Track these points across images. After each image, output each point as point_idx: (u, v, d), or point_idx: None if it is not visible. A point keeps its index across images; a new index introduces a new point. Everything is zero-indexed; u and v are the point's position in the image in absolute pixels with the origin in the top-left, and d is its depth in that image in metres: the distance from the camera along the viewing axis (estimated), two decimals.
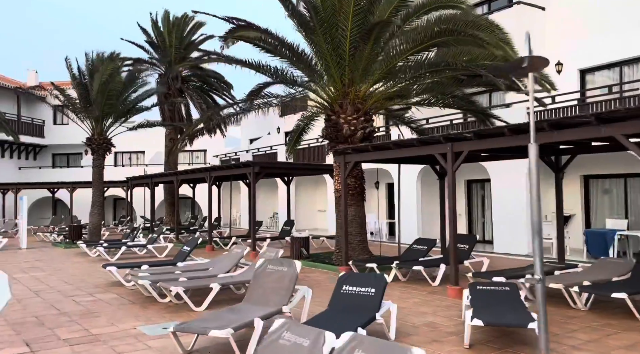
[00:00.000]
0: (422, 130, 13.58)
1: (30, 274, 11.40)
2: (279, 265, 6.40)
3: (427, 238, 11.16)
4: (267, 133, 29.93)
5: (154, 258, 13.98)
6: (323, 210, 24.81)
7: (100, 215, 18.79)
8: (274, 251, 8.42)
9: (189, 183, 22.69)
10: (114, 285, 9.66)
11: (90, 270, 11.97)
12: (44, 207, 32.17)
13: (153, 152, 33.89)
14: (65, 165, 34.56)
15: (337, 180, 11.47)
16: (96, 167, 18.89)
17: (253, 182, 13.76)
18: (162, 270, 9.27)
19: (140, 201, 27.35)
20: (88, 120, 18.87)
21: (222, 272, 8.67)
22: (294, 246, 12.41)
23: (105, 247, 14.05)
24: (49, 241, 20.64)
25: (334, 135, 11.31)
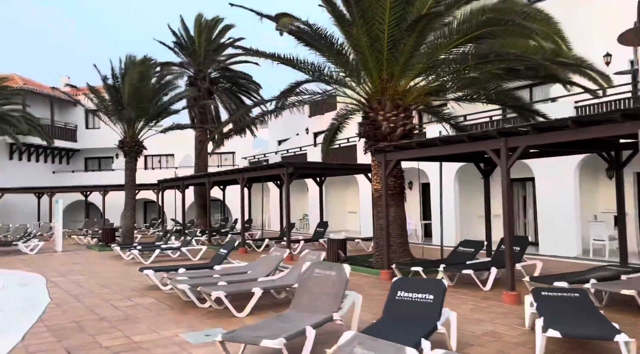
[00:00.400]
0: (462, 127, 13.04)
1: (68, 277, 11.34)
2: (326, 269, 6.03)
3: (472, 239, 10.62)
4: (296, 134, 29.68)
5: (189, 261, 13.82)
6: (354, 211, 24.38)
7: (132, 218, 18.81)
8: (315, 254, 8.05)
9: (219, 185, 22.60)
10: (151, 289, 9.47)
11: (126, 273, 11.86)
12: (77, 210, 32.66)
13: (182, 154, 34.06)
14: (97, 169, 35.08)
15: (375, 180, 11.06)
16: (128, 169, 18.93)
17: (287, 183, 13.45)
18: (200, 274, 9.02)
19: (170, 203, 27.42)
20: (120, 123, 18.92)
21: (262, 276, 8.36)
22: (331, 248, 12.03)
23: (139, 250, 13.96)
24: (83, 244, 20.81)
25: (372, 133, 10.90)
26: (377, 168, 11.00)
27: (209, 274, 8.98)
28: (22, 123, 25.53)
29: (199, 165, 25.41)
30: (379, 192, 10.96)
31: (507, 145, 7.31)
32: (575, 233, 12.53)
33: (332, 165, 13.93)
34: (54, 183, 30.28)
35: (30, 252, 17.47)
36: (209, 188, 18.51)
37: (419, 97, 10.83)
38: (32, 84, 31.24)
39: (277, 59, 10.80)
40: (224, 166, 33.82)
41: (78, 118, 34.31)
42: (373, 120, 10.86)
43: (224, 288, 7.35)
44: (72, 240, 22.32)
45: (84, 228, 27.65)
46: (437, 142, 8.51)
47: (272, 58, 10.76)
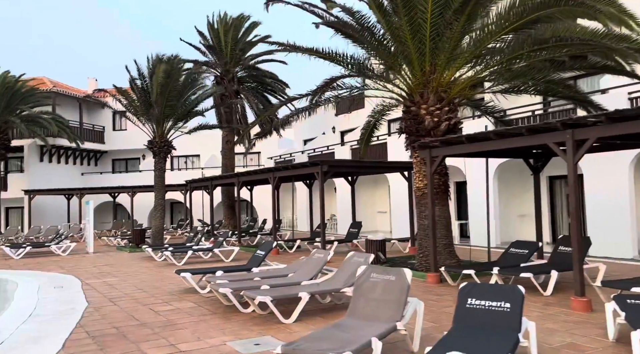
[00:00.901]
0: (506, 121, 12.40)
1: (102, 279, 11.12)
2: (384, 274, 5.56)
3: (525, 240, 10.00)
4: (322, 133, 29.26)
5: (221, 263, 13.50)
6: (383, 211, 23.82)
7: (162, 218, 18.65)
8: (362, 256, 7.58)
9: (247, 185, 22.32)
10: (188, 292, 9.13)
11: (160, 275, 11.59)
12: (105, 212, 32.87)
13: (208, 155, 34.00)
14: (124, 170, 35.28)
15: (418, 178, 10.52)
16: (158, 170, 18.77)
17: (322, 182, 13.01)
18: (239, 277, 8.64)
19: (197, 204, 27.28)
20: (149, 123, 18.78)
21: (306, 279, 7.92)
22: (370, 250, 11.54)
23: (171, 251, 13.70)
24: (113, 245, 20.76)
25: (414, 128, 10.37)
26: (420, 165, 10.48)
27: (248, 277, 8.59)
28: (52, 125, 25.72)
29: (226, 165, 25.20)
30: (422, 191, 10.43)
31: (574, 137, 6.72)
32: (631, 234, 11.77)
33: (367, 163, 13.44)
34: (82, 185, 30.50)
35: (62, 253, 17.44)
36: (238, 188, 18.21)
37: (463, 90, 10.26)
38: (61, 87, 31.55)
39: (315, 53, 10.36)
40: (250, 166, 33.62)
41: (105, 120, 34.56)
42: (415, 114, 10.33)
43: (269, 292, 6.94)
44: (102, 241, 22.33)
45: (113, 229, 27.75)
46: (491, 136, 7.94)
47: (309, 52, 10.32)
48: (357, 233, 15.38)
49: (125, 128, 34.30)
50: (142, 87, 18.36)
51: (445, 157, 9.37)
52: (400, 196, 19.59)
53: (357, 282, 5.69)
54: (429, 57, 9.88)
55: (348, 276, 7.36)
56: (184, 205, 30.37)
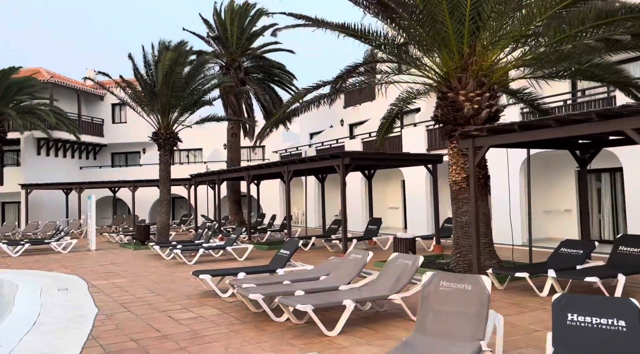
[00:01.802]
0: (544, 110, 11.56)
1: (109, 280, 10.24)
2: (457, 282, 4.71)
3: (576, 239, 9.18)
4: (330, 126, 28.39)
5: (235, 262, 12.64)
6: (395, 207, 23.00)
7: (168, 214, 17.77)
8: (409, 258, 6.73)
9: (254, 180, 21.45)
10: (208, 296, 8.27)
11: (172, 275, 10.72)
12: (105, 207, 31.92)
13: (211, 149, 33.07)
14: (124, 164, 34.31)
15: (455, 170, 9.67)
16: (163, 163, 17.85)
17: (343, 175, 12.15)
18: (266, 280, 7.79)
19: (200, 199, 26.37)
20: (153, 113, 17.84)
21: (343, 283, 7.08)
22: (398, 248, 10.70)
23: (181, 249, 12.82)
24: (115, 241, 19.87)
25: (451, 116, 9.50)
26: (457, 157, 9.63)
27: (275, 280, 7.74)
28: (50, 117, 24.71)
29: (231, 159, 24.30)
30: (460, 185, 9.59)
31: None
32: None
33: (391, 155, 12.59)
34: (80, 179, 29.53)
35: (62, 251, 16.55)
36: (248, 183, 17.33)
37: (505, 74, 9.39)
38: (58, 78, 30.48)
39: (345, 30, 9.42)
40: (254, 160, 32.73)
41: (105, 112, 33.56)
42: (452, 101, 9.47)
43: (307, 299, 6.08)
44: (103, 237, 21.43)
45: (113, 225, 26.84)
46: (551, 123, 7.09)
47: (339, 29, 9.40)
48: (376, 230, 14.55)
49: (125, 121, 33.33)
50: (146, 75, 17.42)
51: (489, 147, 8.50)
52: (417, 190, 18.78)
53: (423, 292, 4.83)
54: (467, 38, 9.00)
55: (394, 280, 6.52)
56: (186, 200, 29.51)
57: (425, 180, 18.46)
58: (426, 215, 18.54)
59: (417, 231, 18.53)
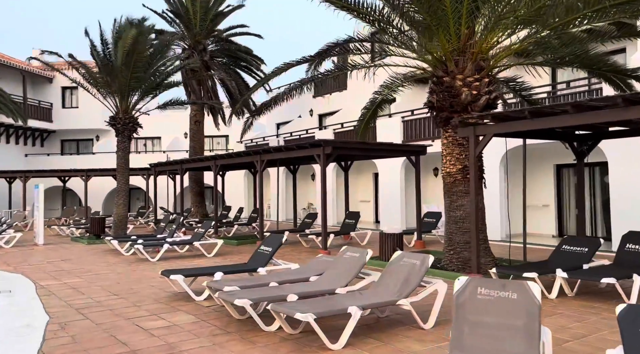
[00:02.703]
0: (533, 101, 11.12)
1: (61, 280, 8.97)
2: (499, 289, 3.97)
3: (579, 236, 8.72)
4: (298, 117, 27.41)
5: (204, 259, 11.57)
6: (367, 200, 22.39)
7: (126, 206, 16.38)
8: (417, 258, 5.97)
9: (221, 170, 20.27)
10: (180, 299, 7.24)
11: (135, 274, 9.56)
12: (53, 197, 29.71)
13: (171, 138, 31.40)
14: (75, 152, 32.06)
15: (449, 161, 9.02)
16: (121, 150, 16.40)
17: (324, 166, 11.30)
18: (249, 281, 6.84)
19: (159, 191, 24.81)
20: (111, 96, 16.34)
21: (339, 286, 6.24)
22: (385, 245, 9.98)
23: (143, 245, 11.62)
24: (66, 235, 18.24)
25: (447, 103, 8.83)
26: (451, 147, 8.98)
27: (260, 281, 6.81)
28: None
29: (194, 148, 22.96)
30: (454, 177, 8.95)
31: None
32: None
33: (375, 145, 11.83)
34: (26, 167, 27.29)
35: (4, 245, 14.88)
36: (215, 173, 16.18)
37: (509, 57, 8.80)
38: (0, 57, 27.93)
39: (337, 3, 8.52)
40: (216, 150, 31.34)
41: (54, 96, 31.15)
42: (449, 86, 8.79)
43: (304, 306, 5.22)
44: (52, 230, 19.67)
45: (63, 216, 24.89)
46: (568, 109, 6.49)
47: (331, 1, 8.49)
48: (354, 225, 13.80)
49: (77, 105, 31.11)
50: (104, 54, 15.89)
51: (492, 137, 7.86)
52: (391, 183, 18.20)
53: (457, 300, 4.06)
54: (466, 18, 8.33)
55: (402, 283, 5.75)
56: (143, 191, 27.81)
57: (400, 173, 17.90)
58: (400, 209, 18.01)
59: (390, 226, 17.99)
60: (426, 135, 16.96)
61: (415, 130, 17.58)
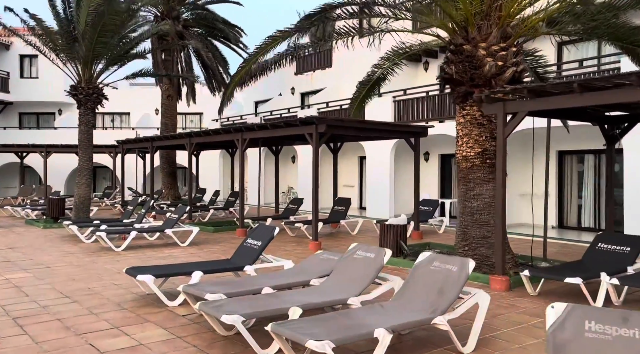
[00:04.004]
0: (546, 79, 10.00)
1: (3, 276, 7.44)
2: (617, 323, 2.77)
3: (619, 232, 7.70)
4: (279, 95, 25.85)
5: (178, 249, 10.15)
6: (350, 185, 21.18)
7: (89, 186, 14.69)
8: (454, 263, 4.77)
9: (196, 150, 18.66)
10: (148, 303, 5.88)
11: (95, 268, 8.09)
12: (9, 175, 27.51)
13: (140, 113, 29.38)
14: (35, 126, 29.70)
15: (466, 143, 7.83)
16: (84, 124, 14.63)
17: (317, 146, 9.97)
18: (236, 285, 5.52)
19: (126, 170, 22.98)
20: (73, 63, 14.49)
21: (352, 294, 5.00)
22: (386, 238, 8.77)
23: (106, 231, 10.11)
24: (20, 217, 16.44)
25: (467, 75, 7.60)
26: (469, 127, 7.79)
27: (249, 285, 5.51)
28: None
29: (166, 124, 21.22)
30: (471, 161, 7.77)
31: None
32: None
33: (373, 124, 10.54)
34: None
35: None
36: (190, 152, 14.64)
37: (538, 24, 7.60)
38: None
39: None
40: (189, 128, 29.53)
41: (10, 64, 28.58)
42: (470, 55, 7.55)
43: (315, 327, 3.95)
44: (5, 211, 17.78)
45: (19, 196, 22.86)
46: (632, 81, 5.33)
47: None
48: (344, 212, 12.57)
49: (37, 76, 28.67)
50: (64, 14, 14.00)
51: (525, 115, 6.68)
52: (379, 168, 17.03)
53: (554, 341, 2.84)
54: None
55: (435, 295, 4.55)
56: (110, 170, 25.86)
57: (390, 157, 16.75)
58: (389, 195, 16.89)
59: (377, 213, 16.88)
60: (420, 117, 15.80)
61: (408, 111, 16.40)
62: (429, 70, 18.66)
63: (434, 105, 15.71)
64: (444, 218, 13.47)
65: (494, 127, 7.71)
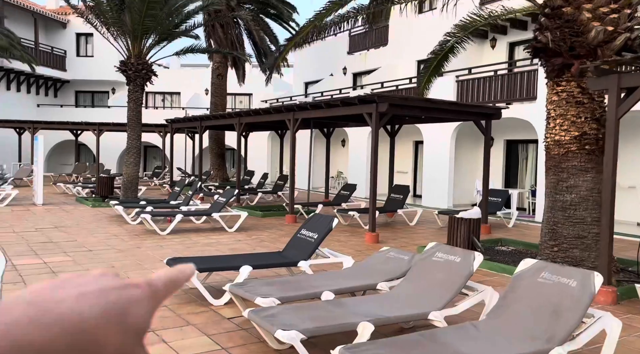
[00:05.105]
0: None
1: (42, 258, 6.99)
2: None
3: None
4: (330, 75, 24.82)
5: (225, 234, 9.49)
6: (404, 172, 20.01)
7: (137, 165, 14.36)
8: (573, 275, 3.71)
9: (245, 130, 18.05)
10: (191, 300, 5.17)
11: (137, 254, 7.53)
12: (66, 152, 28.09)
13: (190, 93, 29.20)
14: (90, 105, 30.16)
15: (559, 126, 6.61)
16: (132, 101, 14.27)
17: (376, 127, 8.96)
18: (294, 288, 4.69)
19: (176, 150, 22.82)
20: (123, 37, 14.08)
21: (435, 308, 4.05)
22: (456, 233, 7.70)
23: (151, 214, 9.60)
24: (72, 194, 16.44)
25: (566, 44, 6.35)
26: (565, 106, 6.56)
27: (306, 288, 4.66)
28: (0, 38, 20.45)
29: (215, 104, 20.73)
30: (566, 147, 6.56)
31: None
32: None
33: (443, 104, 9.36)
34: (38, 118, 25.49)
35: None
36: (239, 133, 13.98)
37: None
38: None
39: None
40: (238, 109, 29.10)
41: (68, 43, 29.02)
42: (570, 19, 6.29)
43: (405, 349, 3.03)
44: (59, 188, 17.89)
45: (74, 173, 23.21)
46: None
47: None
48: (402, 201, 11.54)
49: (92, 54, 28.98)
50: None
51: None
52: (438, 154, 15.80)
53: None
54: None
55: (549, 318, 3.52)
56: (160, 149, 25.87)
57: (450, 141, 15.48)
58: (447, 183, 15.68)
59: (434, 202, 15.73)
60: (485, 99, 14.41)
61: (472, 92, 15.02)
62: (496, 48, 17.09)
63: (502, 86, 14.28)
64: (513, 210, 12.17)
65: (595, 106, 6.46)
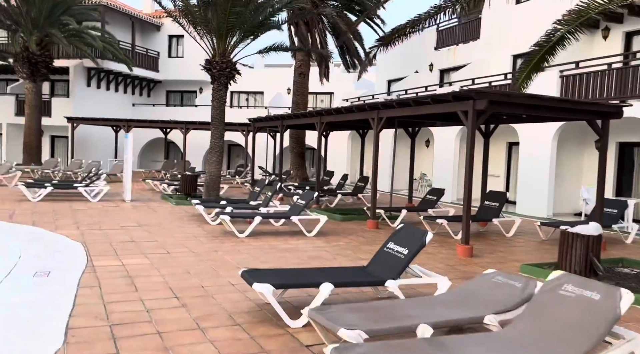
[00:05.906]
0: None
1: (121, 259, 6.88)
2: None
3: None
4: (415, 72, 23.71)
5: (304, 238, 8.99)
6: (496, 175, 18.48)
7: (219, 163, 14.40)
8: None
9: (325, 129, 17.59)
10: (266, 319, 4.67)
11: (214, 260, 7.23)
12: (157, 149, 29.47)
13: (273, 93, 29.41)
14: (179, 104, 31.44)
15: None
16: (217, 99, 14.32)
17: (473, 126, 8.00)
18: (383, 317, 4.00)
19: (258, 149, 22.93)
20: (208, 36, 14.15)
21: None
22: (570, 251, 6.55)
23: (230, 215, 9.36)
24: (159, 191, 16.92)
25: None
26: None
27: (398, 320, 3.95)
28: (97, 41, 21.78)
29: (297, 103, 20.52)
30: None
31: None
32: None
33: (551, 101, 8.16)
34: (133, 117, 26.92)
35: (92, 199, 13.66)
36: (320, 132, 13.50)
37: None
38: (111, 1, 27.37)
39: None
40: (319, 108, 28.85)
41: (161, 44, 30.46)
42: None
43: None
44: (147, 184, 18.54)
45: (163, 169, 24.18)
46: None
47: None
48: (498, 210, 10.38)
49: (182, 55, 30.18)
50: None
51: None
52: (536, 156, 14.27)
53: None
54: None
55: None
56: (243, 148, 26.27)
57: (551, 143, 13.92)
58: (547, 190, 14.11)
59: (531, 211, 14.23)
60: (595, 96, 12.72)
61: (580, 88, 13.34)
62: (608, 39, 15.14)
63: (617, 81, 12.51)
64: (632, 223, 10.54)
65: None
